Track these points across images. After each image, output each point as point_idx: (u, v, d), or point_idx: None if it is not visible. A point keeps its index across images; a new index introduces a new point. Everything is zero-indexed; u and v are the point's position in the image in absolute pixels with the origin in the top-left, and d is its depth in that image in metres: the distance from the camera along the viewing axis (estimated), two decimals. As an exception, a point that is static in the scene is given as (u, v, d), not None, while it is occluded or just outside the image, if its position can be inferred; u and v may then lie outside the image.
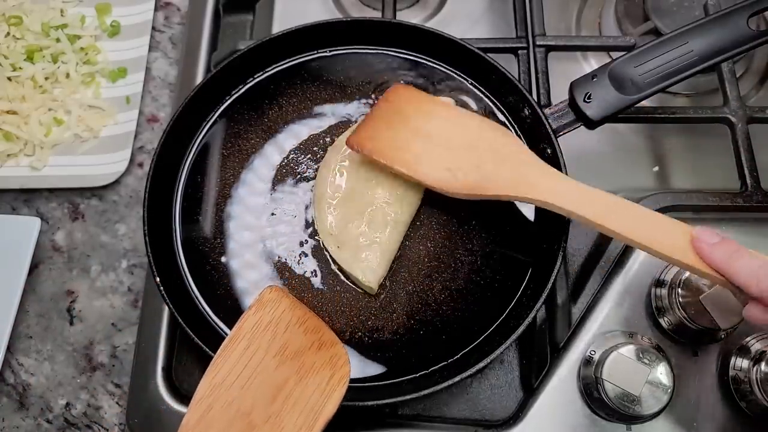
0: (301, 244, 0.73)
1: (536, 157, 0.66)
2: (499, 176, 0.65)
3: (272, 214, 0.74)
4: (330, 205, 0.72)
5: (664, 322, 0.68)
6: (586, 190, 0.62)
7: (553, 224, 0.69)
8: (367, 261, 0.69)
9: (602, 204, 0.60)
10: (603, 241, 0.74)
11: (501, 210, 0.72)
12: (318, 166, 0.76)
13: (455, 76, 0.79)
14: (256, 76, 0.80)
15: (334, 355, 0.58)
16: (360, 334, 0.69)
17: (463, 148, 0.68)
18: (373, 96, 0.79)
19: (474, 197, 0.66)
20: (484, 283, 0.71)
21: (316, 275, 0.71)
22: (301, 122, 0.79)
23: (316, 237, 0.72)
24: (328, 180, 0.73)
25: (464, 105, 0.78)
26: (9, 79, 0.90)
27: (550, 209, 0.63)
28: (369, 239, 0.70)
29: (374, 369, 0.68)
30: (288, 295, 0.59)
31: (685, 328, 0.66)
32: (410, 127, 0.70)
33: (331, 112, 0.79)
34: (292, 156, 0.77)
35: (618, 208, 0.60)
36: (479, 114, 0.75)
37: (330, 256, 0.71)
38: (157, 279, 0.67)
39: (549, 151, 0.72)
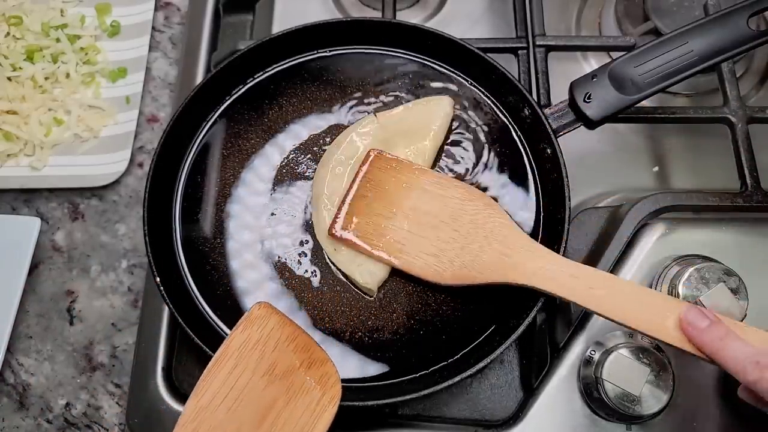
0: (301, 243, 0.73)
1: (519, 232, 0.65)
2: (486, 260, 0.64)
3: (272, 214, 0.74)
4: (327, 205, 0.72)
5: (664, 322, 0.68)
6: (573, 270, 0.60)
7: (552, 227, 0.69)
8: (366, 264, 0.69)
9: (590, 285, 0.58)
10: (603, 241, 0.74)
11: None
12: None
13: (455, 76, 0.79)
14: (256, 76, 0.80)
15: (324, 374, 0.57)
16: (360, 334, 0.69)
17: (446, 224, 0.66)
18: (373, 98, 0.79)
19: (464, 287, 0.65)
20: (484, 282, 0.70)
21: (315, 275, 0.71)
22: (301, 122, 0.78)
23: (315, 237, 0.72)
24: (326, 180, 0.73)
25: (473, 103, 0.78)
26: (9, 79, 0.90)
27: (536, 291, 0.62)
28: None
29: (374, 369, 0.68)
30: (277, 312, 0.58)
31: (685, 328, 0.66)
32: (390, 204, 0.68)
33: (331, 112, 0.79)
34: (292, 156, 0.77)
35: (607, 288, 0.58)
36: (457, 180, 0.72)
37: (328, 257, 0.71)
38: (157, 279, 0.67)
39: (549, 151, 0.72)
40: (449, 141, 0.76)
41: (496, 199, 0.72)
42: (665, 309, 0.55)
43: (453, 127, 0.77)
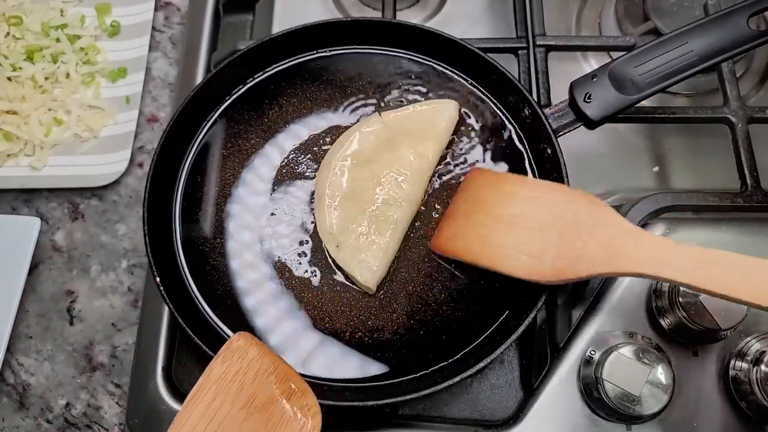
0: (301, 243, 0.73)
1: (625, 222, 0.63)
2: (590, 253, 0.62)
3: (272, 214, 0.74)
4: (330, 205, 0.72)
5: (664, 322, 0.68)
6: (683, 251, 0.58)
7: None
8: (366, 261, 0.69)
9: (703, 265, 0.57)
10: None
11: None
12: (318, 166, 0.76)
13: (455, 76, 0.79)
14: (256, 76, 0.80)
15: (304, 405, 0.55)
16: (360, 334, 0.69)
17: (550, 226, 0.65)
18: (372, 98, 0.79)
19: (570, 281, 0.63)
20: (485, 282, 0.70)
21: (315, 275, 0.71)
22: (301, 122, 0.79)
23: (315, 237, 0.72)
24: (328, 180, 0.73)
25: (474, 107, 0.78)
26: (9, 79, 0.90)
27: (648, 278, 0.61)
28: (368, 239, 0.70)
29: (374, 369, 0.68)
30: (257, 343, 0.57)
31: (685, 328, 0.66)
32: (492, 214, 0.68)
33: (332, 112, 0.79)
34: (292, 156, 0.77)
35: (719, 265, 0.56)
36: (557, 183, 0.72)
37: (329, 255, 0.71)
38: (157, 279, 0.67)
39: (549, 151, 0.72)
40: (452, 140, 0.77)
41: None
42: None
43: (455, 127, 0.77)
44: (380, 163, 0.74)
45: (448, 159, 0.76)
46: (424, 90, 0.79)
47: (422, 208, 0.74)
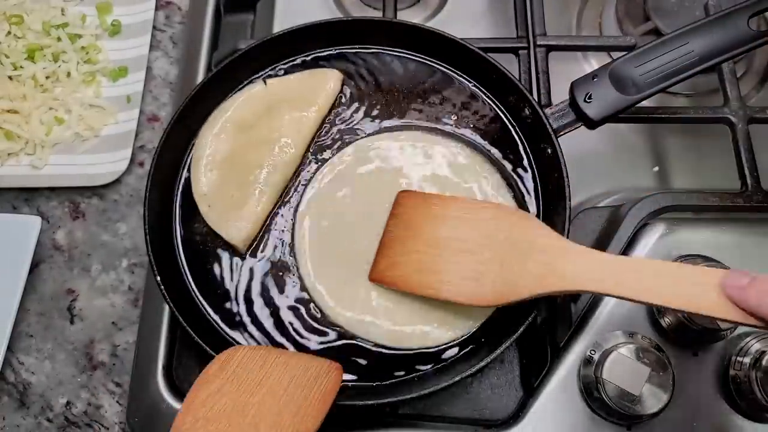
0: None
1: (559, 238, 0.63)
2: (529, 273, 0.61)
3: (272, 213, 0.75)
4: (206, 166, 0.74)
5: (664, 322, 0.68)
6: (616, 265, 0.58)
7: (552, 227, 0.69)
8: (234, 221, 0.71)
9: (639, 277, 0.56)
10: (603, 241, 0.74)
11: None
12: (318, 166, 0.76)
13: (456, 76, 0.79)
14: (257, 76, 0.80)
15: (321, 363, 0.60)
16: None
17: (484, 247, 0.64)
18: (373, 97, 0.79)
19: (508, 304, 0.63)
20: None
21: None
22: (301, 122, 0.78)
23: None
24: (208, 143, 0.75)
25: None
26: (10, 78, 0.90)
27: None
28: (240, 201, 0.72)
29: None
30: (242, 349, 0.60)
31: (685, 328, 0.66)
32: (425, 239, 0.67)
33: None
34: (292, 155, 0.77)
35: (649, 275, 0.56)
36: (488, 201, 0.72)
37: (201, 215, 0.73)
38: (158, 278, 0.67)
39: (549, 150, 0.72)
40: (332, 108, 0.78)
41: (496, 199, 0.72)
42: (707, 281, 0.53)
43: (454, 126, 0.77)
44: (260, 129, 0.75)
45: (327, 126, 0.77)
46: (425, 89, 0.79)
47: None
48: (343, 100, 0.79)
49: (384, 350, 0.68)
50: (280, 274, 0.71)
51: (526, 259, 0.62)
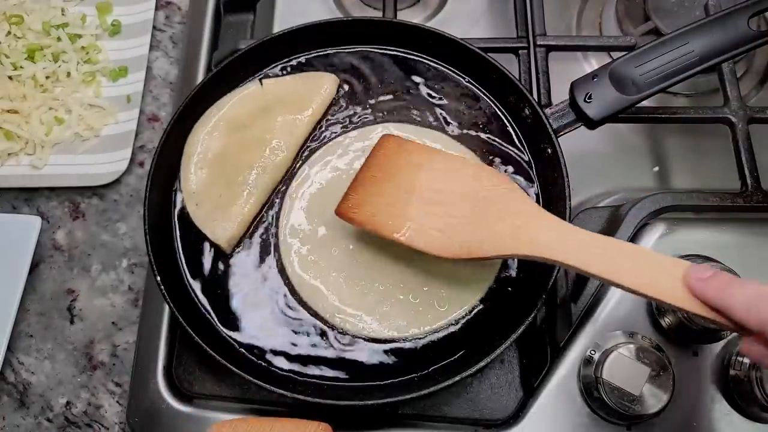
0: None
1: (537, 207, 0.63)
2: (498, 233, 0.62)
3: (272, 213, 0.75)
4: (197, 164, 0.74)
5: (664, 322, 0.68)
6: (586, 238, 0.59)
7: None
8: (220, 221, 0.71)
9: (610, 255, 0.56)
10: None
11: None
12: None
13: (456, 76, 0.79)
14: (256, 76, 0.80)
15: None
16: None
17: (459, 201, 0.65)
18: (373, 96, 0.79)
19: (474, 260, 0.64)
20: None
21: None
22: (301, 122, 0.78)
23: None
24: (200, 140, 0.75)
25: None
26: (10, 78, 0.90)
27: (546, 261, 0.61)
28: (227, 201, 0.72)
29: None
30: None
31: (685, 328, 0.66)
32: (400, 183, 0.67)
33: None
34: (292, 155, 0.77)
35: (618, 255, 0.56)
36: (471, 159, 0.72)
37: (189, 213, 0.73)
38: (158, 278, 0.67)
39: (549, 150, 0.72)
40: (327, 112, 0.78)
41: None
42: (672, 270, 0.53)
43: (454, 127, 0.77)
44: (252, 129, 0.76)
45: (321, 130, 0.77)
46: (426, 88, 0.79)
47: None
48: (340, 102, 0.79)
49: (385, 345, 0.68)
50: (274, 273, 0.71)
51: (497, 220, 0.62)
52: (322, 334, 0.68)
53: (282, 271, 0.71)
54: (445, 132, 0.77)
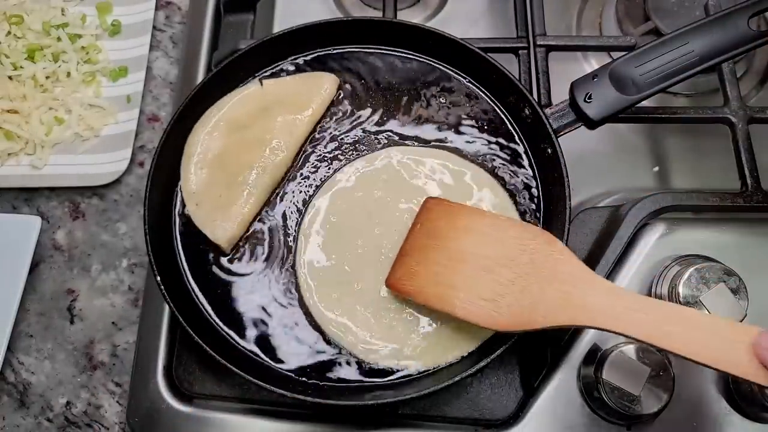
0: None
1: (579, 264, 0.60)
2: (547, 300, 0.59)
3: (272, 213, 0.75)
4: (197, 165, 0.74)
5: (664, 322, 0.68)
6: (641, 305, 0.56)
7: (553, 227, 0.69)
8: (220, 221, 0.71)
9: (660, 321, 0.54)
10: (603, 241, 0.74)
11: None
12: (324, 164, 0.76)
13: (456, 76, 0.79)
14: (256, 76, 0.80)
15: None
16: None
17: (504, 267, 0.62)
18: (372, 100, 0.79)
19: (524, 331, 0.61)
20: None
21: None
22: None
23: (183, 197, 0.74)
24: (200, 140, 0.75)
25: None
26: (10, 78, 0.90)
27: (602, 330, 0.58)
28: (227, 201, 0.72)
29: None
30: None
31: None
32: (446, 250, 0.65)
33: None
34: (292, 155, 0.77)
35: (676, 323, 0.54)
36: (514, 219, 0.71)
37: (189, 213, 0.73)
38: (158, 278, 0.67)
39: (549, 151, 0.72)
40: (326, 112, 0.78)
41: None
42: (737, 338, 0.51)
43: (455, 127, 0.77)
44: (252, 129, 0.76)
45: (321, 130, 0.77)
46: (424, 88, 0.79)
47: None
48: (340, 103, 0.79)
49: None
50: (277, 277, 0.71)
51: (547, 284, 0.60)
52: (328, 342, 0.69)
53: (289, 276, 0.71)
54: (445, 142, 0.76)
